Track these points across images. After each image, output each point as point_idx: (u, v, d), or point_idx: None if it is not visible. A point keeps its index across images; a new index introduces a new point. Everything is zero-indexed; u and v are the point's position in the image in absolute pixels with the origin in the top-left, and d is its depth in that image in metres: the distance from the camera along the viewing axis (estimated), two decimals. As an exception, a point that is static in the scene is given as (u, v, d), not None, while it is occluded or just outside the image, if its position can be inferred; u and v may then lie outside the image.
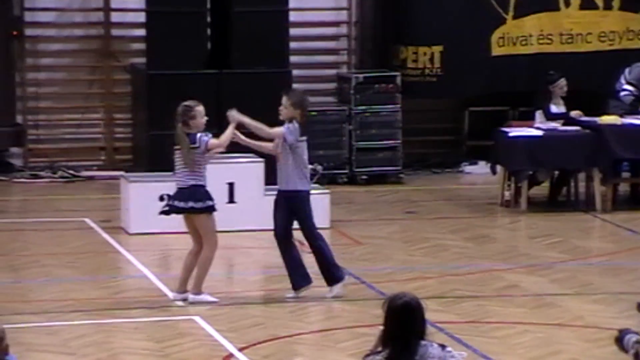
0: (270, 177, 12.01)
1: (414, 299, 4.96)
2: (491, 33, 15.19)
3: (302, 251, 11.67)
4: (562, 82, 13.27)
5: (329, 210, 12.24)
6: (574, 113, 13.28)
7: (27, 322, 9.00)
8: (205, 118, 9.44)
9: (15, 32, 14.86)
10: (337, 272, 9.66)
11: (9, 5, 14.84)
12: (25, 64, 15.07)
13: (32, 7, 15.07)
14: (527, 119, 13.84)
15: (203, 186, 9.41)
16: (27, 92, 15.12)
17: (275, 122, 9.63)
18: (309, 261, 9.78)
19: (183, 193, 9.41)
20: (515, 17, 15.27)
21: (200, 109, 9.45)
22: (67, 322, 9.07)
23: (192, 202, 9.41)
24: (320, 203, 12.21)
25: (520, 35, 15.32)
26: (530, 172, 13.17)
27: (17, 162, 15.07)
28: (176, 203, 9.45)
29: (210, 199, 9.42)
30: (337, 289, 9.63)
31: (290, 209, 9.60)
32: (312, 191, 12.53)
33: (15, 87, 15.05)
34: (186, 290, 9.50)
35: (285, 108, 9.50)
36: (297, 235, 9.84)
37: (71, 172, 14.83)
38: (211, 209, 9.41)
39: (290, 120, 9.48)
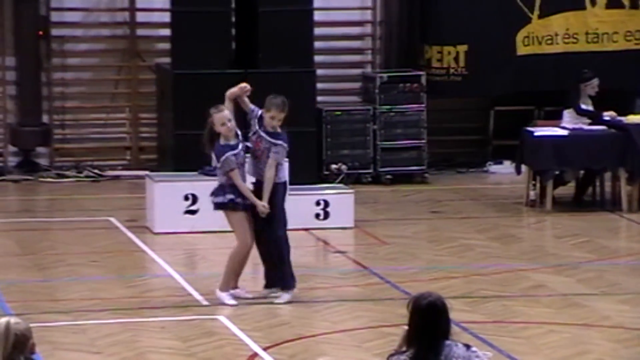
0: (295, 176, 12.03)
1: (439, 298, 4.96)
2: (516, 32, 15.15)
3: (326, 251, 11.67)
4: (595, 81, 13.23)
5: (353, 209, 12.24)
6: (608, 114, 13.22)
7: (54, 321, 9.05)
8: (229, 123, 9.23)
9: (41, 32, 14.95)
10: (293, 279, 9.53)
11: (36, 5, 14.93)
12: (52, 64, 15.15)
13: (58, 7, 15.15)
14: (552, 118, 13.80)
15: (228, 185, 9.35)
16: (53, 92, 15.20)
17: (296, 121, 9.58)
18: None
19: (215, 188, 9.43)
20: (541, 17, 15.22)
21: (218, 117, 9.26)
22: (93, 321, 9.11)
23: (213, 197, 9.42)
24: (345, 203, 12.22)
25: (545, 35, 15.27)
26: (557, 172, 13.13)
27: (44, 161, 15.15)
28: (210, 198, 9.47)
29: (234, 193, 9.29)
30: (288, 295, 9.49)
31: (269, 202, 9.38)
32: (337, 191, 12.60)
33: (42, 86, 15.14)
34: (236, 286, 9.47)
35: (272, 119, 9.31)
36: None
37: (97, 171, 14.90)
38: (232, 204, 9.27)
39: (275, 132, 9.30)
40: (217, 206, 9.41)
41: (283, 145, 9.41)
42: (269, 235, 9.48)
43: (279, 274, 9.54)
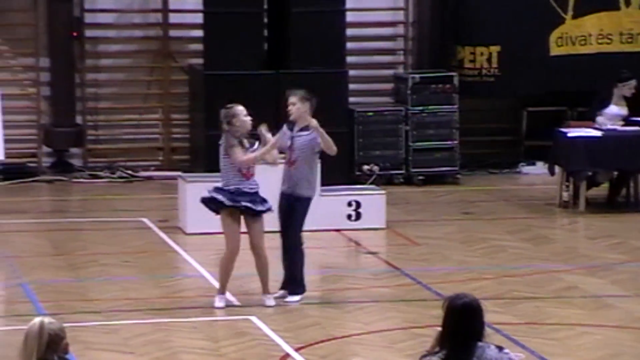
0: (326, 177, 12.03)
1: (475, 300, 4.94)
2: (549, 33, 15.08)
3: (358, 252, 11.65)
4: (632, 82, 13.15)
5: (385, 210, 12.22)
6: None
7: (87, 321, 9.09)
8: (249, 118, 9.27)
9: (75, 34, 15.03)
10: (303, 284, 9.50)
11: (70, 6, 15.01)
12: (85, 65, 15.22)
13: (92, 8, 15.23)
14: (585, 119, 13.72)
15: (227, 190, 9.24)
16: (86, 93, 15.27)
17: (328, 122, 9.58)
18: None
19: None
20: (574, 17, 15.14)
21: (240, 108, 9.32)
22: (125, 320, 9.14)
23: (208, 191, 9.41)
24: (377, 203, 12.21)
25: (579, 35, 15.19)
26: (590, 174, 13.05)
27: (77, 162, 15.23)
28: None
29: (224, 197, 9.20)
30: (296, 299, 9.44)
31: (291, 210, 9.36)
32: (369, 192, 12.57)
33: (75, 87, 15.22)
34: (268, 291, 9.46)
35: (294, 104, 9.36)
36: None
37: (129, 172, 14.96)
38: (220, 204, 9.20)
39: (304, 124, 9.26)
40: (202, 200, 9.37)
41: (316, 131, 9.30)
42: (285, 239, 9.48)
43: (290, 277, 9.48)
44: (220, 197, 9.31)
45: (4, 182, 14.51)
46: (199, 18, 14.50)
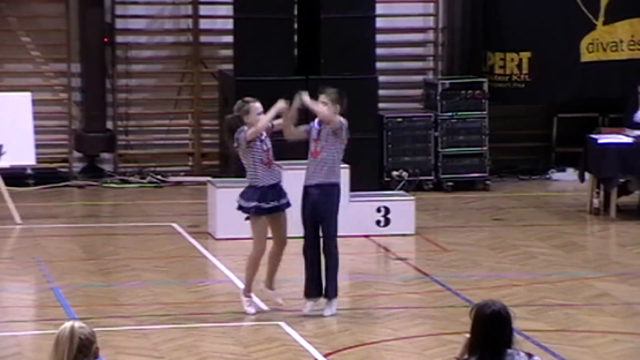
0: (356, 183, 12.02)
1: (503, 307, 4.93)
2: (581, 39, 15.02)
3: (387, 258, 11.62)
4: None
5: (414, 216, 12.20)
6: None
7: (118, 326, 9.13)
8: (262, 117, 9.16)
9: (106, 39, 15.11)
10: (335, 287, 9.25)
11: (101, 12, 15.09)
12: (117, 71, 15.30)
13: (123, 14, 15.31)
14: (617, 125, 13.64)
15: (254, 186, 9.20)
16: (117, 98, 15.35)
17: (358, 128, 9.55)
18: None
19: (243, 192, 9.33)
20: (605, 23, 15.07)
21: (257, 105, 9.26)
22: (156, 325, 9.17)
23: (239, 198, 9.29)
24: (406, 209, 12.19)
25: (610, 41, 15.11)
26: (621, 181, 12.97)
27: (108, 167, 15.30)
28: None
29: (258, 199, 9.14)
30: (334, 305, 9.26)
31: (322, 203, 9.11)
32: (398, 198, 12.56)
33: (107, 93, 15.29)
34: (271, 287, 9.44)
35: (325, 104, 9.25)
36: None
37: (160, 177, 15.02)
38: (256, 210, 9.15)
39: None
40: (241, 210, 9.32)
41: (346, 123, 9.21)
42: (323, 241, 9.22)
43: (330, 282, 9.27)
44: (244, 204, 9.23)
45: (35, 187, 14.60)
46: (229, 24, 14.54)
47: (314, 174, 9.31)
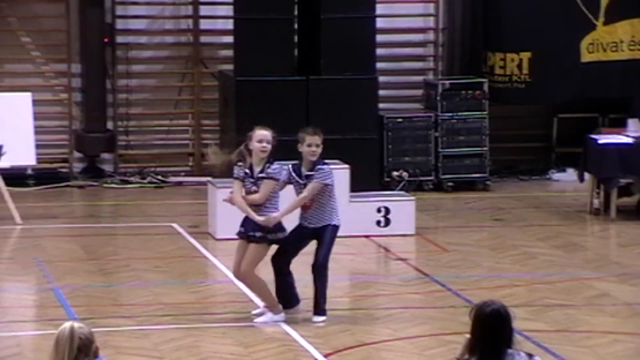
0: (356, 183, 12.03)
1: (503, 307, 4.93)
2: (581, 39, 15.02)
3: (387, 258, 11.62)
4: None
5: (414, 216, 12.21)
6: None
7: (118, 326, 9.13)
8: (263, 144, 8.90)
9: (107, 40, 15.11)
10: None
11: (101, 13, 15.10)
12: (117, 71, 15.30)
13: (123, 14, 15.31)
14: (617, 126, 13.65)
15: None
16: (118, 99, 15.35)
17: (358, 128, 9.53)
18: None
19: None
20: (606, 23, 15.07)
21: (259, 132, 8.95)
22: (156, 325, 9.18)
23: (251, 230, 9.20)
24: (406, 210, 12.20)
25: (611, 42, 15.12)
26: (621, 181, 12.97)
27: (108, 167, 15.31)
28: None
29: (240, 224, 9.15)
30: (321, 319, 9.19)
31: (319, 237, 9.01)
32: (398, 198, 12.55)
33: (107, 93, 15.30)
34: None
35: (318, 146, 8.93)
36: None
37: (160, 177, 15.03)
38: (270, 239, 9.07)
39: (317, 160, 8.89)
40: (254, 239, 9.16)
41: (327, 165, 8.97)
42: (316, 260, 9.09)
43: (319, 299, 9.15)
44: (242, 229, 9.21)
45: (35, 187, 14.61)
46: (230, 24, 14.54)
47: (310, 222, 9.06)
